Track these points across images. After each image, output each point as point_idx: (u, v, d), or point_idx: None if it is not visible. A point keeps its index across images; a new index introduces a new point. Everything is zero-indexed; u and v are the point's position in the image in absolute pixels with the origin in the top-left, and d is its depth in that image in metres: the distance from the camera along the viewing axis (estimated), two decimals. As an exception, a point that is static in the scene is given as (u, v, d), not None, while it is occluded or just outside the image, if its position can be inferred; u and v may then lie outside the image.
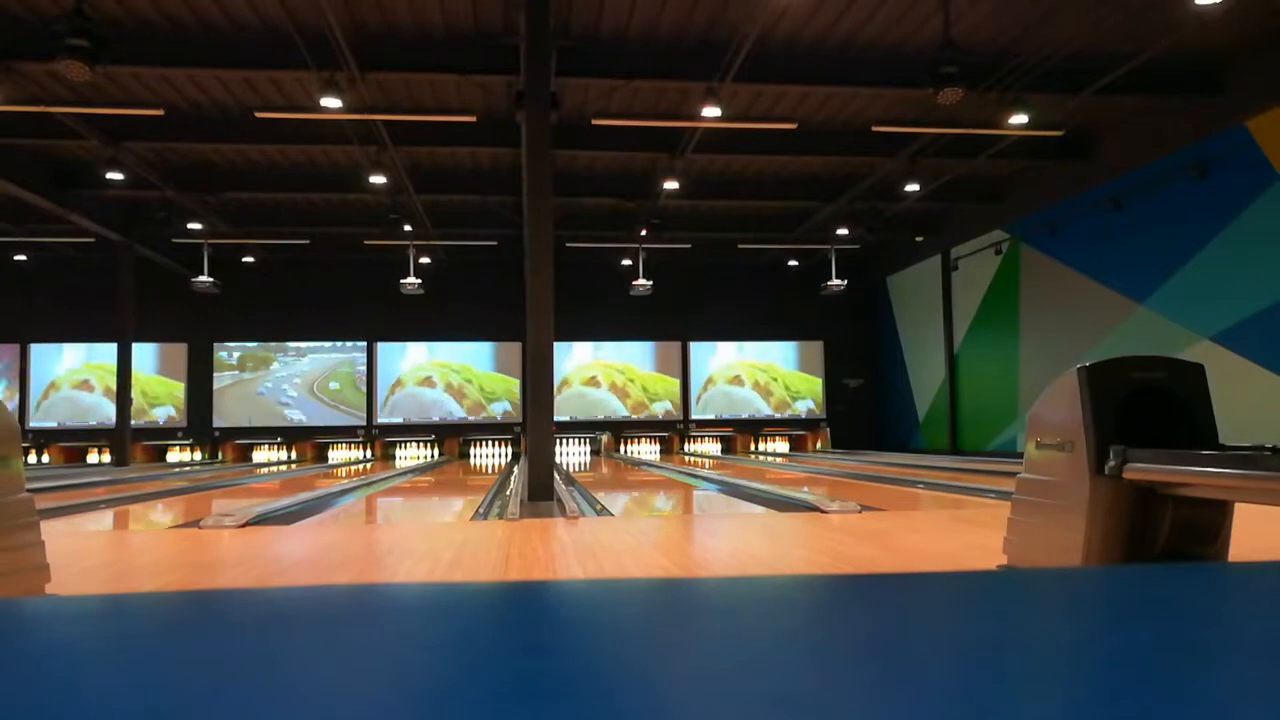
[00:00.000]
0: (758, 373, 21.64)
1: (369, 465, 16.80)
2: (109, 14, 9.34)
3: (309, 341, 20.55)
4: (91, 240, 16.99)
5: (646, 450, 20.79)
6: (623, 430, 21.10)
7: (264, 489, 10.42)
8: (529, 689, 0.55)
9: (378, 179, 13.15)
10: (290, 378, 20.50)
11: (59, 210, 14.34)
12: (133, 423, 17.84)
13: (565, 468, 13.84)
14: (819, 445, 21.23)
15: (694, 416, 21.42)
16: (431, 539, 4.95)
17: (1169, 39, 9.66)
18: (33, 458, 19.33)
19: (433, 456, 20.00)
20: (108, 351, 18.57)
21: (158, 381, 20.24)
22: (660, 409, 21.34)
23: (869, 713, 0.52)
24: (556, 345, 8.31)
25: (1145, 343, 12.07)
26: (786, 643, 0.69)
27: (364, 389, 20.53)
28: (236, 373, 20.39)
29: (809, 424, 21.60)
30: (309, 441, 20.26)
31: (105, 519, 7.26)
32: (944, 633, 0.76)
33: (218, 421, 20.20)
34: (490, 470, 14.56)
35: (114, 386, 18.11)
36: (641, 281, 18.43)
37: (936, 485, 9.10)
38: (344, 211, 17.00)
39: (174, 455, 20.28)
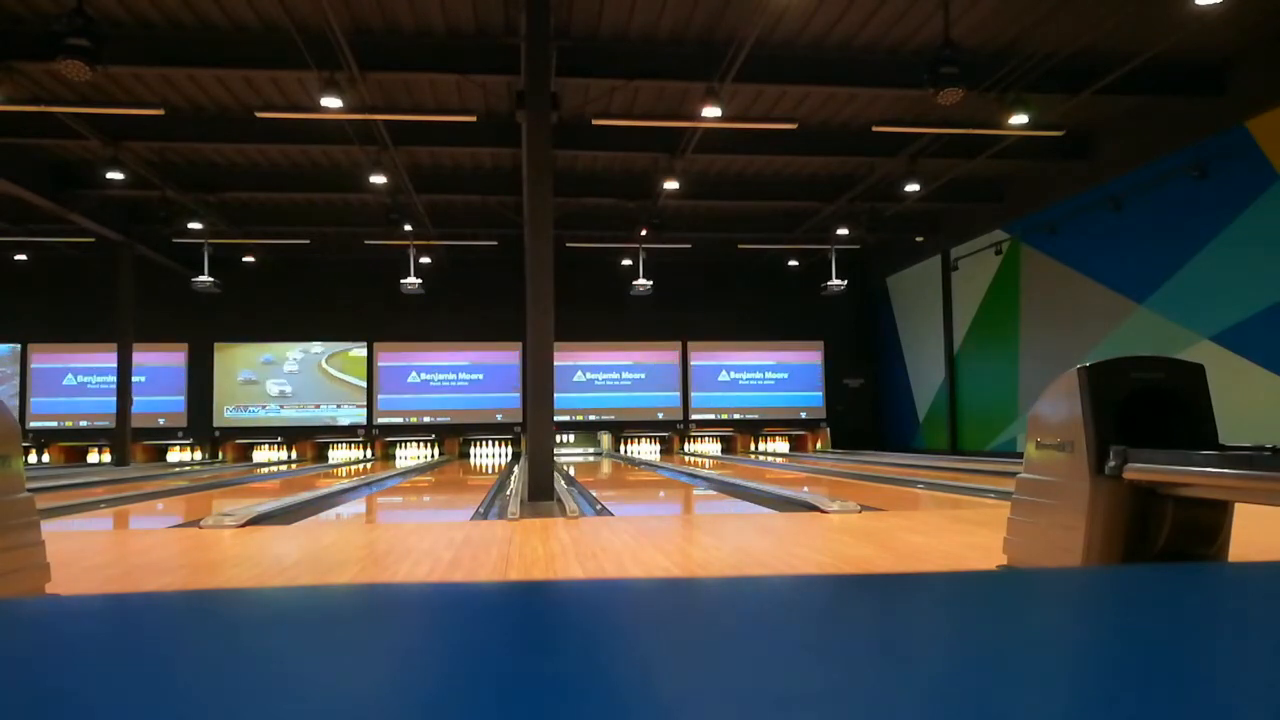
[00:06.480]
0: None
1: (369, 465, 16.81)
2: (109, 13, 9.34)
3: (309, 341, 20.57)
4: (91, 240, 16.99)
5: (646, 450, 20.79)
6: (623, 430, 21.10)
7: (264, 489, 10.42)
8: (529, 689, 0.55)
9: (378, 179, 13.15)
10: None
11: (59, 210, 14.34)
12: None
13: (565, 468, 13.85)
14: (819, 445, 21.24)
15: (694, 417, 21.43)
16: (431, 539, 4.95)
17: (1169, 39, 9.65)
18: (33, 457, 19.33)
19: (433, 456, 20.00)
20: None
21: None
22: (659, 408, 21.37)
23: (869, 712, 0.52)
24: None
25: (1145, 343, 12.07)
26: (786, 643, 0.69)
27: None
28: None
29: (809, 424, 21.60)
30: (309, 441, 20.27)
31: (105, 519, 7.26)
32: (944, 633, 0.76)
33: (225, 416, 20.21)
34: (490, 470, 14.56)
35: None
36: (641, 281, 18.43)
37: (936, 485, 9.10)
38: (344, 211, 17.00)
39: (174, 455, 20.29)
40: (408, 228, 16.15)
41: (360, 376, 20.68)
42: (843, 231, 17.11)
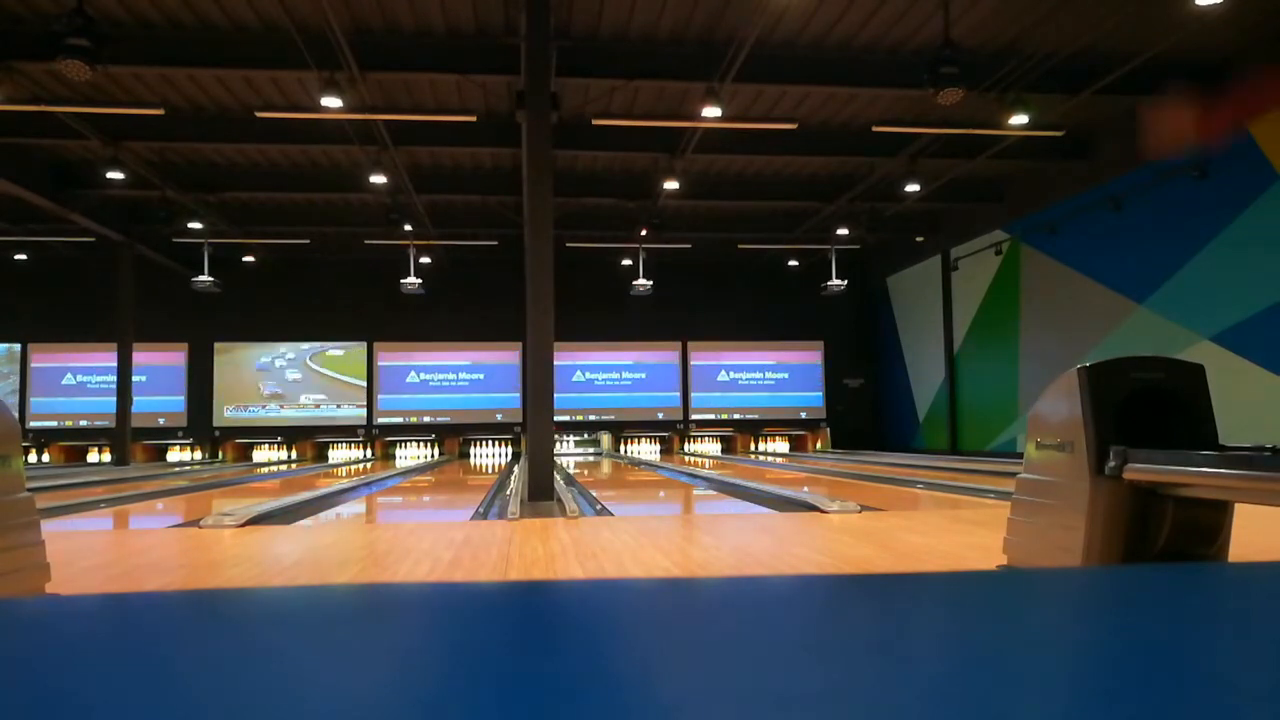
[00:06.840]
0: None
1: (369, 465, 16.80)
2: (109, 13, 9.34)
3: (309, 342, 20.59)
4: (91, 240, 16.99)
5: (646, 450, 20.79)
6: (623, 430, 21.10)
7: (264, 489, 10.42)
8: (529, 689, 0.55)
9: (378, 179, 13.15)
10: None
11: (59, 210, 14.34)
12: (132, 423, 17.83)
13: (565, 467, 13.85)
14: (819, 445, 21.23)
15: (694, 417, 21.43)
16: (431, 539, 4.95)
17: (1169, 39, 9.66)
18: (33, 457, 19.33)
19: (433, 456, 20.00)
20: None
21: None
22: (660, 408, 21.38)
23: (869, 712, 0.52)
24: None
25: (1145, 343, 12.07)
26: (786, 643, 0.69)
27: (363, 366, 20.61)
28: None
29: (809, 424, 21.60)
30: (309, 441, 20.27)
31: (105, 519, 7.26)
32: (944, 633, 0.76)
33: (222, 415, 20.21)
34: (490, 470, 14.56)
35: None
36: (641, 281, 18.43)
37: (936, 485, 9.10)
38: (344, 211, 17.00)
39: (174, 455, 20.29)
40: (408, 228, 16.15)
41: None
42: (843, 231, 17.11)
